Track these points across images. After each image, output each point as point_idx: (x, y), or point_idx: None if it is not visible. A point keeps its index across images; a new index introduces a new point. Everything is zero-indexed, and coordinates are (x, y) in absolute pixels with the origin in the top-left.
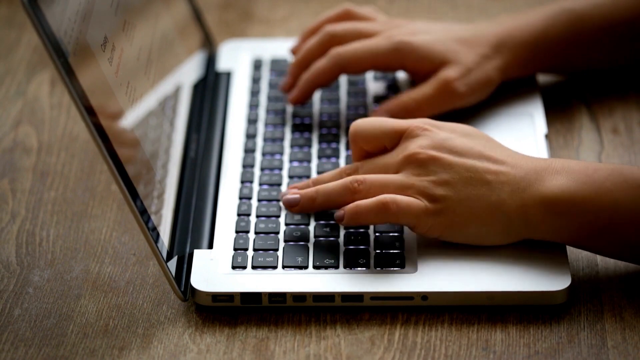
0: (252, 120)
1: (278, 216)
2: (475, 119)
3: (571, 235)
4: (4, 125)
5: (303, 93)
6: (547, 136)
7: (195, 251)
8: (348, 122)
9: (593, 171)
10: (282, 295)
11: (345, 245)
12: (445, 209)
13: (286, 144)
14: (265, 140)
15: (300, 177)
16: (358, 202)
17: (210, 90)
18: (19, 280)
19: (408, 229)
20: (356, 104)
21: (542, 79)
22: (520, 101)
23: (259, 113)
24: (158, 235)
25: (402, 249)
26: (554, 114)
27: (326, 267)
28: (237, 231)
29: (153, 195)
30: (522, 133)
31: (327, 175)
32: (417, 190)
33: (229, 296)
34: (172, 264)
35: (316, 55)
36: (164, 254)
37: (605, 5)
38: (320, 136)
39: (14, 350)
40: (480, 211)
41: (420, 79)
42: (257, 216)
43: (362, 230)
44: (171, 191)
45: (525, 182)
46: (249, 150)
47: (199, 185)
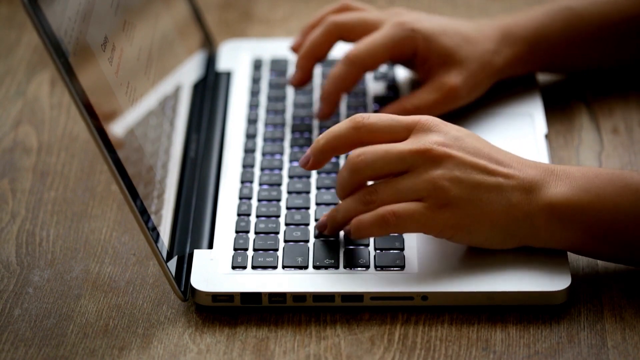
0: (252, 120)
1: (278, 216)
2: (475, 119)
3: (572, 242)
4: (4, 125)
5: (331, 106)
6: (547, 136)
7: (195, 251)
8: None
9: (594, 176)
10: (282, 295)
11: (345, 245)
12: (457, 210)
13: (286, 144)
14: (265, 140)
15: (300, 177)
16: (359, 218)
17: (210, 90)
18: (19, 280)
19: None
20: (356, 104)
21: (542, 78)
22: (520, 101)
23: (259, 113)
24: (158, 235)
25: (402, 249)
26: (554, 114)
27: (326, 267)
28: (237, 231)
29: (153, 195)
30: (522, 133)
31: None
32: (431, 189)
33: (229, 296)
34: (172, 264)
35: (323, 46)
36: (164, 254)
37: (605, 4)
38: None
39: (14, 350)
40: (491, 214)
41: (423, 69)
42: (257, 216)
43: None
44: (171, 191)
45: (531, 187)
46: (249, 150)
47: (199, 185)
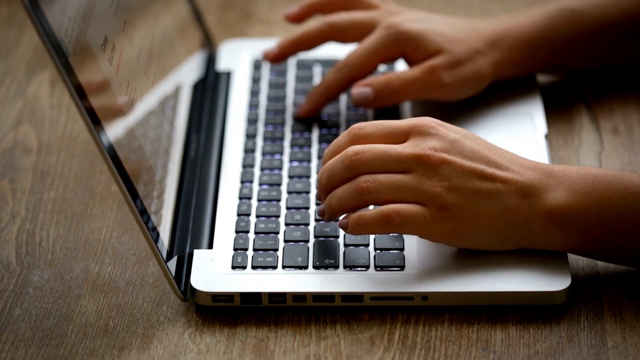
0: (252, 120)
1: (278, 216)
2: (475, 119)
3: (571, 245)
4: (4, 125)
5: (314, 107)
6: (547, 136)
7: (195, 251)
8: (348, 122)
9: (593, 179)
10: (282, 295)
11: (345, 245)
12: (454, 217)
13: (286, 144)
14: (265, 140)
15: (300, 177)
16: (361, 213)
17: (210, 90)
18: (19, 280)
19: None
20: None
21: (542, 79)
22: (520, 101)
23: (259, 113)
24: (158, 235)
25: (402, 249)
26: (554, 114)
27: (326, 267)
28: (237, 231)
29: (153, 195)
30: (522, 133)
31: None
32: (428, 196)
33: (229, 296)
34: (172, 264)
35: (311, 42)
36: (164, 254)
37: (605, 5)
38: (320, 136)
39: (14, 350)
40: (489, 219)
41: (413, 65)
42: (257, 216)
43: None
44: (171, 191)
45: (529, 191)
46: (249, 150)
47: (199, 185)
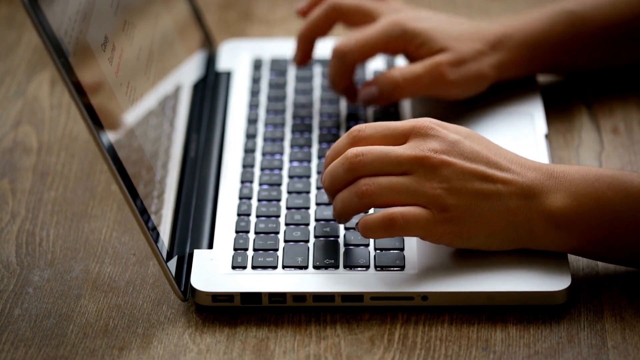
0: (252, 120)
1: (278, 216)
2: (475, 119)
3: (572, 246)
4: (4, 125)
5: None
6: (547, 136)
7: (195, 251)
8: (348, 122)
9: (594, 179)
10: (282, 295)
11: (345, 245)
12: (455, 218)
13: (286, 144)
14: (265, 140)
15: (300, 177)
16: (366, 218)
17: (210, 90)
18: (19, 280)
19: None
20: (356, 104)
21: (542, 79)
22: (520, 101)
23: (259, 113)
24: (158, 235)
25: (402, 249)
26: (554, 114)
27: (326, 267)
28: (237, 231)
29: (153, 195)
30: (522, 133)
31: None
32: (429, 198)
33: (229, 296)
34: (172, 264)
35: (321, 27)
36: (164, 254)
37: (606, 6)
38: (320, 136)
39: (14, 350)
40: (489, 220)
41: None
42: (257, 216)
43: None
44: (171, 191)
45: (530, 193)
46: (249, 150)
47: (199, 185)
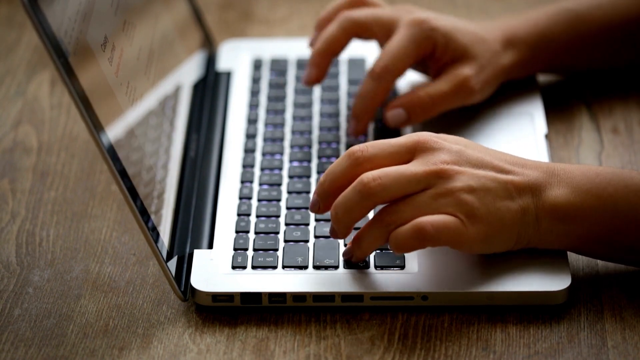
0: (252, 120)
1: (278, 216)
2: (475, 119)
3: (574, 243)
4: (4, 125)
5: (365, 123)
6: (547, 136)
7: (195, 251)
8: (348, 122)
9: (595, 176)
10: (282, 295)
11: (345, 245)
12: (482, 220)
13: (286, 144)
14: (265, 140)
15: (300, 177)
16: (395, 233)
17: (210, 90)
18: (19, 280)
19: None
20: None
21: (542, 79)
22: (520, 101)
23: (259, 113)
24: (158, 235)
25: None
26: (554, 114)
27: (326, 267)
28: (237, 231)
29: (153, 195)
30: (522, 133)
31: (343, 195)
32: (454, 206)
33: (229, 296)
34: (172, 264)
35: (339, 42)
36: (164, 254)
37: (606, 6)
38: (320, 136)
39: (14, 350)
40: (510, 221)
41: (436, 66)
42: (257, 216)
43: None
44: (171, 191)
45: (536, 191)
46: (249, 150)
47: (199, 185)
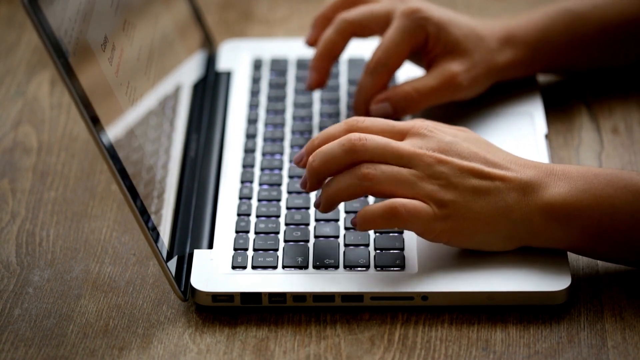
0: (252, 120)
1: (278, 216)
2: (475, 119)
3: (572, 242)
4: (4, 125)
5: (361, 113)
6: (547, 136)
7: (195, 251)
8: None
9: (593, 177)
10: (282, 295)
11: (345, 245)
12: (453, 215)
13: (286, 144)
14: (265, 140)
15: (300, 177)
16: (367, 208)
17: (210, 90)
18: (19, 280)
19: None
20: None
21: (542, 79)
22: (520, 101)
23: (259, 113)
24: (158, 235)
25: (402, 249)
26: (554, 114)
27: (326, 267)
28: (237, 231)
29: (153, 195)
30: (522, 133)
31: (331, 134)
32: (427, 193)
33: (229, 296)
34: (172, 264)
35: (337, 45)
36: (164, 254)
37: (605, 6)
38: None
39: (14, 350)
40: (488, 217)
41: (427, 58)
42: (257, 216)
43: None
44: (171, 191)
45: (529, 189)
46: (249, 150)
47: (199, 185)
